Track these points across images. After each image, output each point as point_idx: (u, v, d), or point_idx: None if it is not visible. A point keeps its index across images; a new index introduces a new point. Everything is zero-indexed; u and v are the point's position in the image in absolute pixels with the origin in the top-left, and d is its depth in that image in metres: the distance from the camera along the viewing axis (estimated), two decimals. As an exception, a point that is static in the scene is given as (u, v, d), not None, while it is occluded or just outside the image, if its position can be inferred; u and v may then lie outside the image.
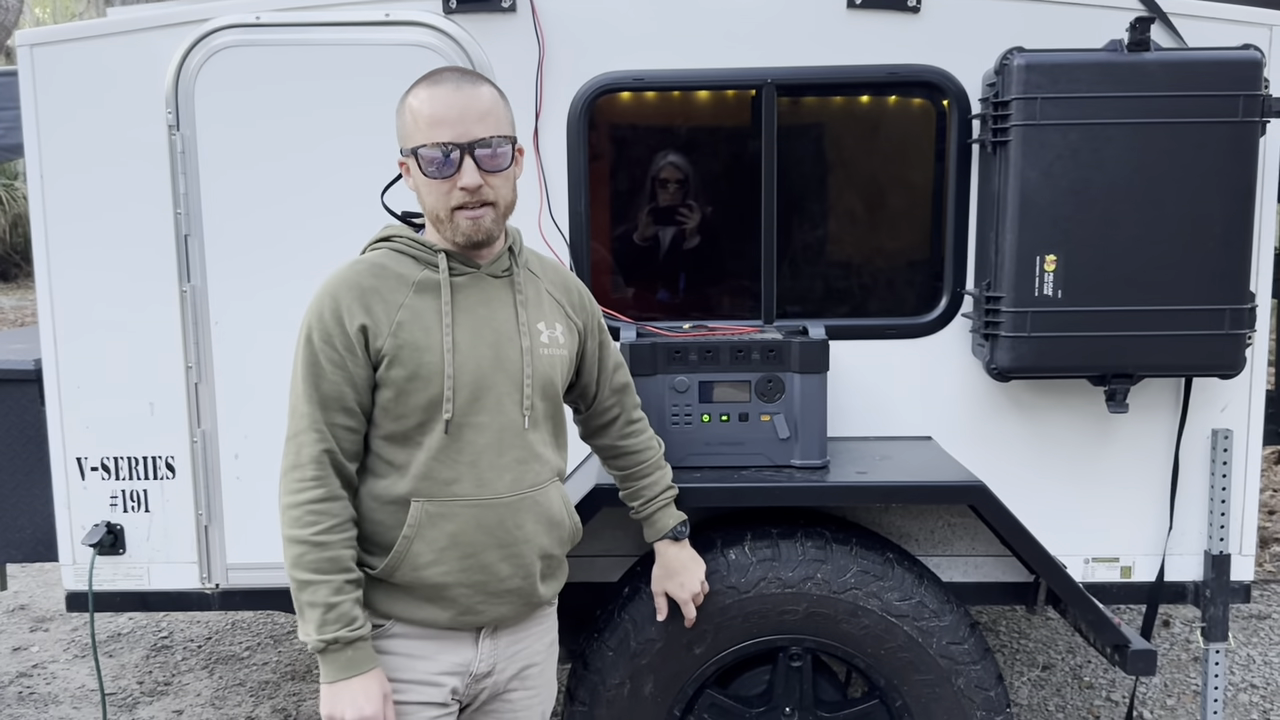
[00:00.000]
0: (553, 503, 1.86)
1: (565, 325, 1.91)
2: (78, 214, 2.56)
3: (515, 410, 1.78)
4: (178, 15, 2.51)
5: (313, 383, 1.71)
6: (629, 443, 2.10)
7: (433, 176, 1.70)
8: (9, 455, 2.79)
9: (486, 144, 1.69)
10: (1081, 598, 2.38)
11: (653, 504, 2.11)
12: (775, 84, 2.54)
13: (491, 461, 1.77)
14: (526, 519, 1.80)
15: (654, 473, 2.12)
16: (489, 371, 1.76)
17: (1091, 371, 2.47)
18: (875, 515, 2.68)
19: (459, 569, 1.76)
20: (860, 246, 2.66)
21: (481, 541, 1.76)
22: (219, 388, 2.56)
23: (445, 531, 1.75)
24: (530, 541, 1.82)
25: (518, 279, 1.84)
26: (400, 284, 1.75)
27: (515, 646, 1.89)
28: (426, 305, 1.74)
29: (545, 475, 1.85)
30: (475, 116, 1.69)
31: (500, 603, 1.82)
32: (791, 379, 2.41)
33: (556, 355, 1.86)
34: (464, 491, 1.75)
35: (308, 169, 2.51)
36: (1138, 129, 2.36)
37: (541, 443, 1.84)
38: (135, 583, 2.68)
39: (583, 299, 1.99)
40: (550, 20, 2.52)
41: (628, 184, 2.66)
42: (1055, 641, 4.20)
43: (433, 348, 1.73)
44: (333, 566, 1.68)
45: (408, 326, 1.72)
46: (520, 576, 1.82)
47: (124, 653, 4.20)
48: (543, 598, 1.90)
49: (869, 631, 2.32)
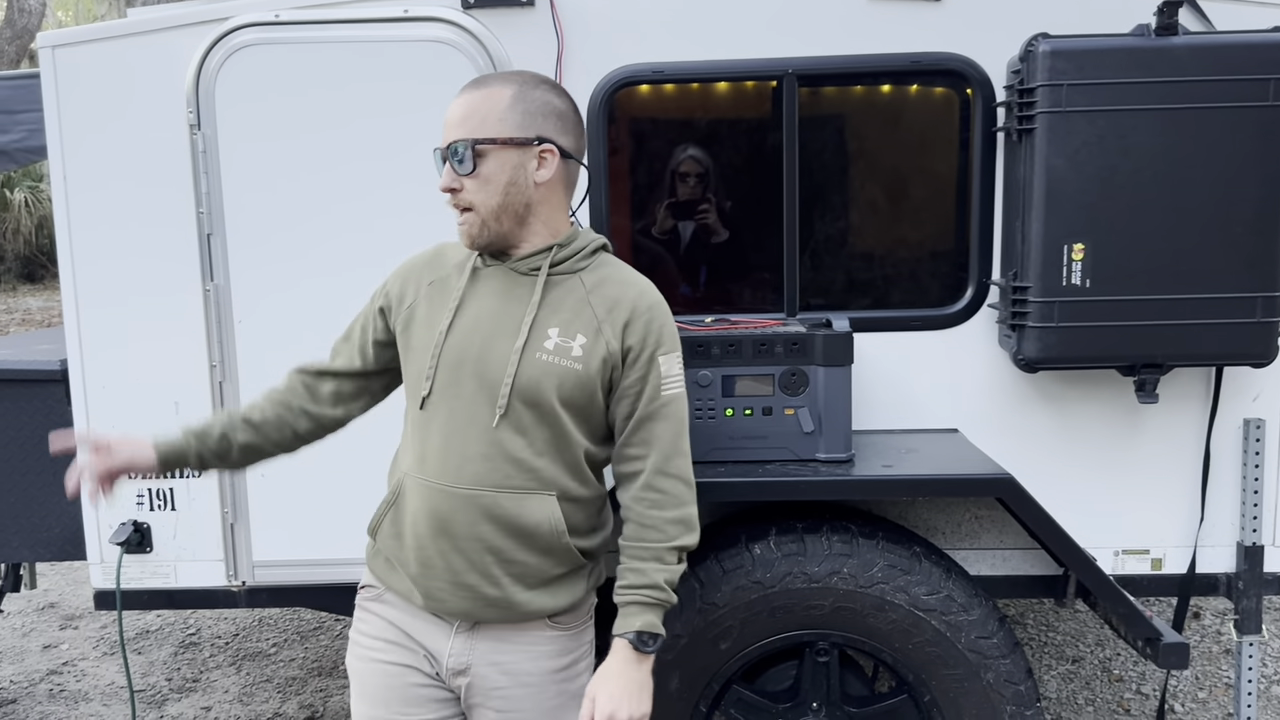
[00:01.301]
0: (526, 512, 1.75)
1: (592, 341, 1.76)
2: (101, 214, 2.57)
3: (487, 405, 1.74)
4: (198, 14, 2.51)
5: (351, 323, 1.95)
6: (639, 510, 1.78)
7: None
8: (37, 455, 2.81)
9: (453, 148, 1.74)
10: (1112, 591, 2.35)
11: (630, 594, 1.75)
12: (796, 74, 2.52)
13: (457, 450, 1.75)
14: (480, 518, 1.74)
15: (649, 561, 1.76)
16: (471, 360, 1.76)
17: (1120, 361, 2.43)
18: (901, 509, 2.66)
19: (413, 546, 1.80)
20: (883, 237, 2.63)
21: (432, 527, 1.77)
22: (243, 386, 2.56)
23: (409, 509, 1.80)
24: (485, 541, 1.74)
25: (547, 281, 1.78)
26: (444, 265, 1.87)
27: (498, 655, 1.82)
28: (451, 286, 1.83)
29: (523, 481, 1.74)
30: (456, 120, 1.75)
31: (460, 595, 1.77)
32: (815, 372, 2.39)
33: (560, 364, 1.74)
34: (428, 473, 1.78)
35: (328, 166, 2.51)
36: (1166, 115, 2.32)
37: (523, 448, 1.74)
38: (162, 581, 2.70)
39: (635, 323, 1.78)
40: (569, 14, 2.51)
41: (648, 178, 2.65)
42: (1083, 634, 4.16)
43: (434, 325, 1.80)
44: (227, 419, 1.90)
45: (427, 302, 1.83)
46: (477, 573, 1.76)
47: (152, 650, 4.24)
48: (525, 608, 1.79)
49: (896, 626, 2.30)
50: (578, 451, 1.79)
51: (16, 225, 15.16)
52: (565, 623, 1.87)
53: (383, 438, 2.46)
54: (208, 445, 1.87)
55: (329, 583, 2.64)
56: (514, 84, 1.76)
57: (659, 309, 1.82)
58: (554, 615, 1.84)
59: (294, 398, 1.91)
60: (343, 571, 2.61)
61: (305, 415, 1.91)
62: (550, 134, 1.76)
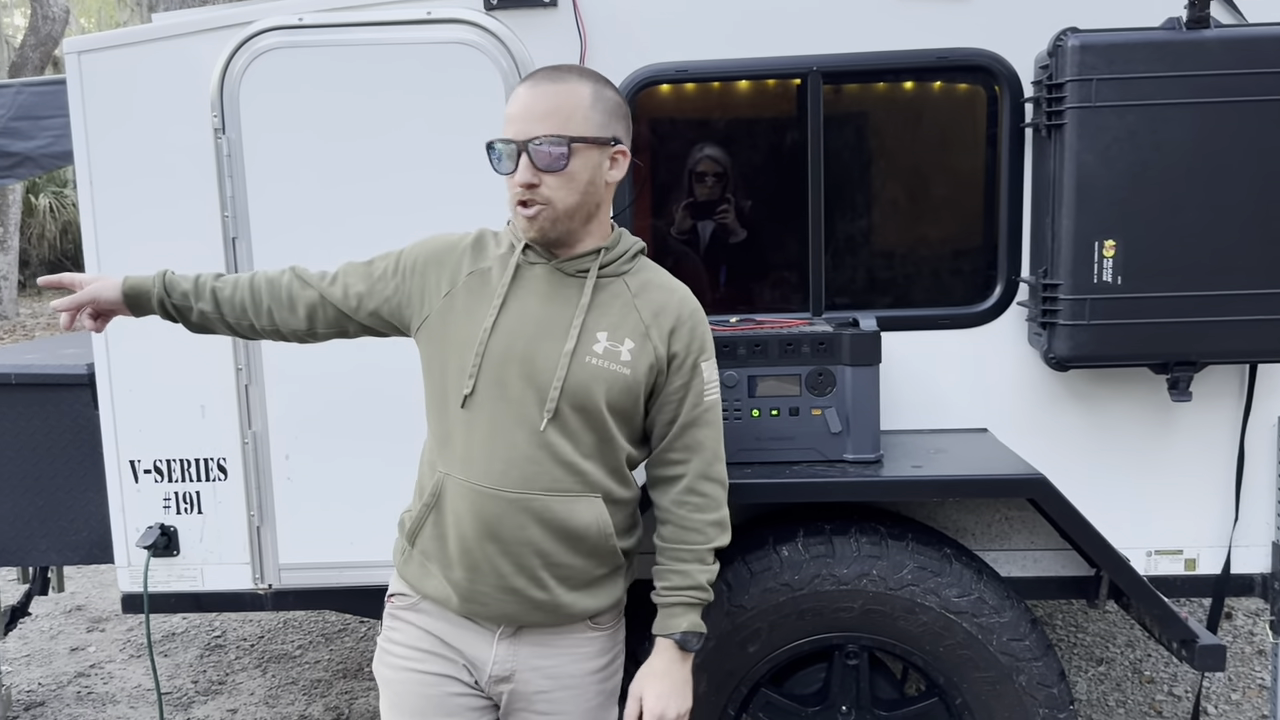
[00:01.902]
0: (575, 515, 1.75)
1: (639, 346, 1.77)
2: (127, 218, 2.58)
3: (535, 407, 1.73)
4: (221, 19, 2.52)
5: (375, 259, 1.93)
6: (681, 514, 1.83)
7: (498, 172, 1.73)
8: (64, 459, 2.83)
9: (538, 142, 1.67)
10: (1146, 592, 2.32)
11: (674, 595, 1.82)
12: (821, 72, 2.50)
13: (504, 453, 1.73)
14: (529, 521, 1.73)
15: (692, 563, 1.82)
16: (519, 360, 1.74)
17: (1153, 359, 2.40)
18: (930, 510, 2.64)
19: (458, 550, 1.77)
20: (910, 235, 2.60)
21: (479, 530, 1.74)
22: (269, 389, 2.57)
23: (452, 510, 1.77)
24: (534, 545, 1.74)
25: (595, 283, 1.77)
26: (481, 256, 1.84)
27: (542, 660, 1.82)
28: (492, 279, 1.80)
29: (570, 484, 1.75)
30: (538, 114, 1.68)
31: (507, 599, 1.77)
32: (843, 372, 2.36)
33: (609, 369, 1.74)
34: (473, 475, 1.74)
35: (353, 167, 2.51)
36: (1198, 109, 2.28)
37: (571, 451, 1.74)
38: (189, 584, 2.70)
39: (680, 330, 1.81)
40: (591, 14, 2.50)
41: (672, 177, 2.63)
42: (1113, 636, 4.12)
43: (475, 320, 1.77)
44: (199, 280, 1.96)
45: (465, 294, 1.80)
46: (525, 577, 1.75)
47: (178, 652, 4.26)
48: (570, 610, 1.80)
49: (927, 628, 2.27)
50: (620, 455, 1.81)
51: (41, 230, 15.31)
52: (604, 623, 1.89)
53: (408, 441, 2.46)
54: (171, 298, 1.96)
55: (355, 585, 2.64)
56: (590, 81, 1.73)
57: (700, 315, 1.86)
58: (595, 616, 1.86)
59: (270, 297, 1.94)
60: (368, 574, 2.61)
61: (270, 316, 1.94)
62: (621, 134, 1.77)
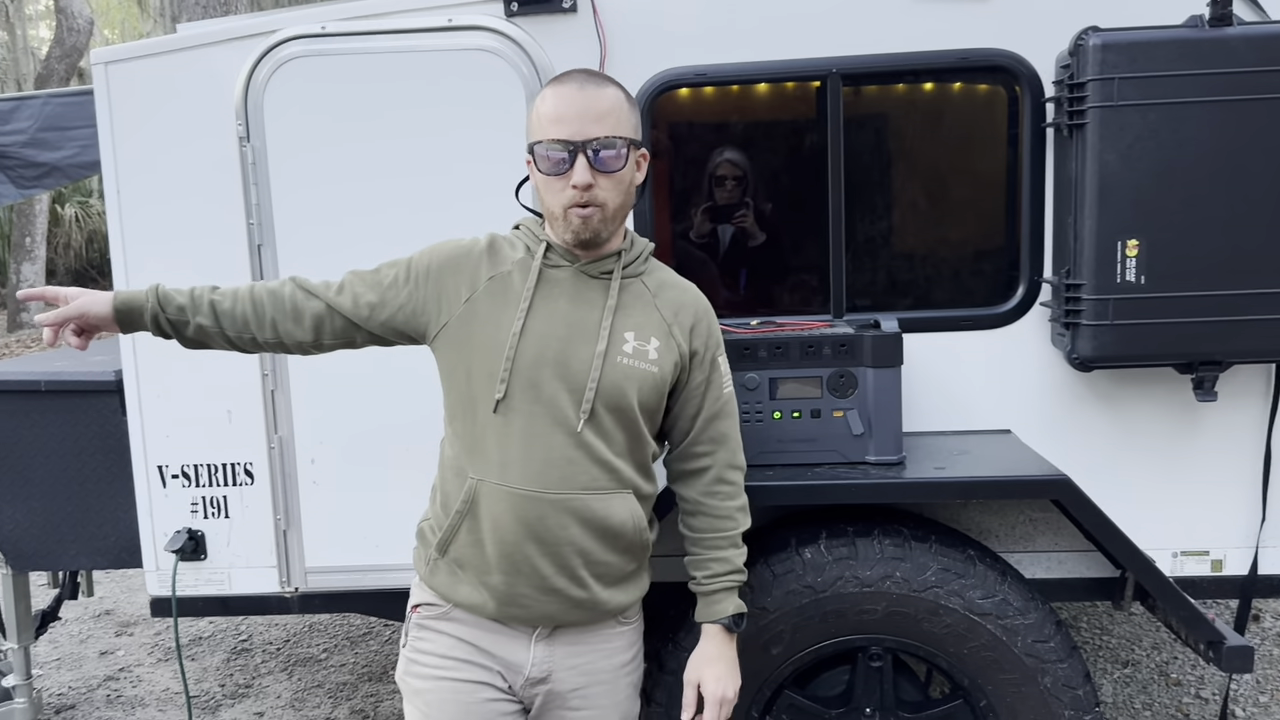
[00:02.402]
0: (612, 512, 1.79)
1: (664, 344, 1.82)
2: (154, 226, 2.61)
3: (571, 409, 1.75)
4: (245, 28, 2.55)
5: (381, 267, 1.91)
6: (713, 504, 1.91)
7: (547, 173, 1.73)
8: (93, 465, 2.86)
9: (601, 144, 1.69)
10: (1173, 594, 2.31)
11: (718, 581, 1.90)
12: (840, 74, 2.50)
13: (541, 455, 1.75)
14: (571, 521, 1.76)
15: (728, 548, 1.91)
16: (551, 363, 1.75)
17: (1177, 359, 2.38)
18: (953, 511, 2.63)
19: (498, 555, 1.77)
20: (931, 236, 2.60)
21: (520, 533, 1.75)
22: (295, 394, 2.59)
23: (490, 515, 1.77)
24: (575, 544, 1.77)
25: (619, 285, 1.81)
26: (500, 261, 1.83)
27: (577, 659, 1.85)
28: (513, 284, 1.80)
29: (606, 483, 1.78)
30: (594, 116, 1.69)
31: (547, 600, 1.79)
32: (864, 374, 2.36)
33: (639, 368, 1.79)
34: (510, 479, 1.75)
35: (377, 175, 2.53)
36: (1221, 107, 2.27)
37: (606, 450, 1.78)
38: (216, 588, 2.73)
39: (699, 326, 1.88)
40: (611, 19, 2.51)
41: (693, 181, 2.64)
42: (1139, 638, 4.09)
43: (501, 326, 1.77)
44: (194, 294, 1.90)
45: (486, 299, 1.79)
46: (565, 577, 1.78)
47: (205, 656, 4.29)
48: (606, 606, 1.84)
49: (951, 630, 2.27)
50: (648, 451, 1.87)
51: (68, 239, 15.48)
52: (630, 617, 1.94)
53: (432, 445, 2.47)
54: (165, 313, 1.87)
55: (380, 588, 2.65)
56: (617, 85, 1.77)
57: (711, 311, 1.93)
58: (624, 611, 1.90)
59: (273, 308, 1.87)
60: (393, 577, 2.63)
61: (274, 328, 1.88)
62: (640, 138, 1.80)
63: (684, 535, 1.95)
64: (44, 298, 1.89)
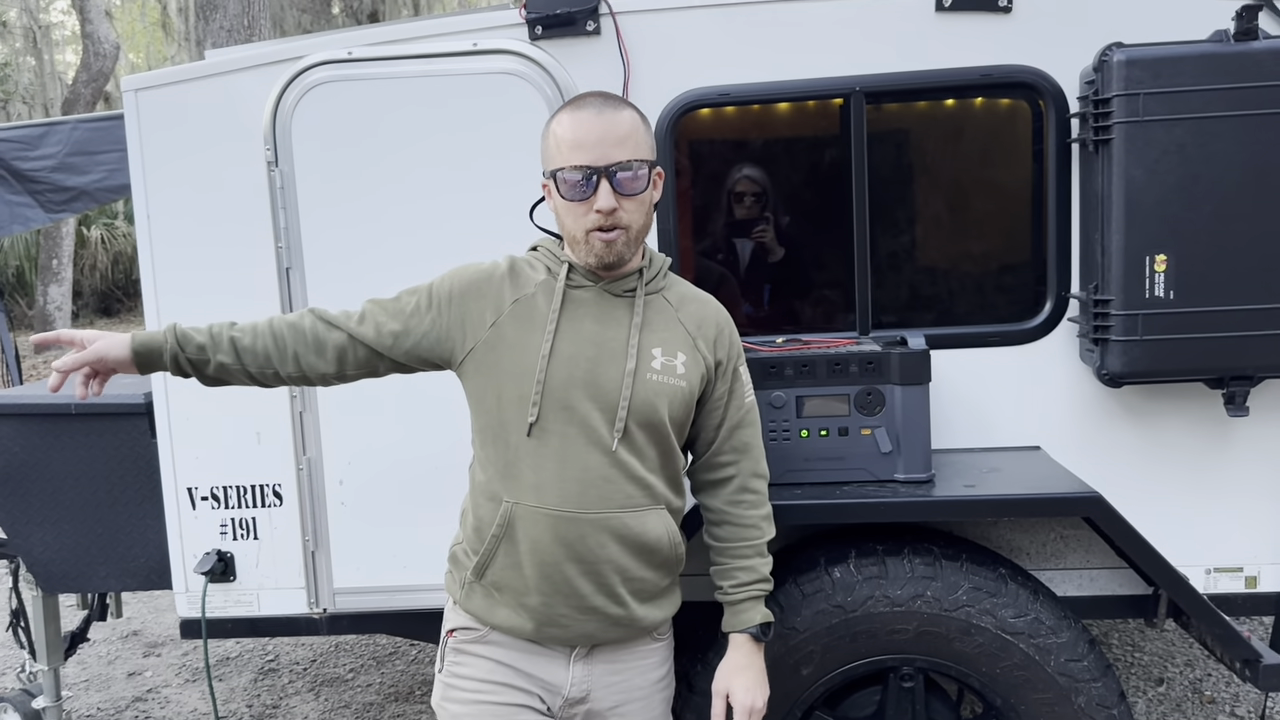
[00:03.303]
0: (648, 528, 1.81)
1: (690, 358, 1.84)
2: (184, 250, 2.64)
3: (605, 428, 1.77)
4: (273, 54, 2.58)
5: (401, 295, 1.91)
6: (738, 513, 1.93)
7: (570, 199, 1.73)
8: (123, 487, 2.89)
9: (624, 167, 1.71)
10: (1208, 611, 2.28)
11: (744, 590, 1.91)
12: (864, 92, 2.51)
13: (576, 476, 1.76)
14: (609, 539, 1.77)
15: (754, 557, 1.93)
16: (582, 384, 1.76)
17: (1208, 374, 2.37)
18: (983, 529, 2.61)
19: (537, 576, 1.77)
20: (957, 253, 2.59)
21: (559, 554, 1.76)
22: (322, 415, 2.61)
23: (527, 537, 1.77)
24: (613, 562, 1.78)
25: (643, 302, 1.82)
26: (524, 283, 1.84)
27: (614, 677, 1.86)
28: (538, 307, 1.80)
29: (641, 499, 1.80)
30: (614, 140, 1.71)
31: (586, 619, 1.80)
32: (892, 391, 2.36)
33: (669, 384, 1.80)
34: (547, 501, 1.76)
35: (403, 198, 2.55)
36: (1248, 121, 2.26)
37: (640, 467, 1.80)
38: (246, 609, 2.74)
39: (721, 338, 1.90)
40: (634, 41, 2.52)
41: (718, 200, 2.65)
42: (1172, 655, 4.04)
43: (529, 349, 1.77)
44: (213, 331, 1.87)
45: (513, 323, 1.80)
46: (604, 595, 1.79)
47: (232, 676, 4.31)
48: (643, 622, 1.85)
49: (983, 650, 2.25)
50: (679, 465, 1.89)
51: (94, 261, 15.65)
52: (664, 633, 1.96)
53: (459, 466, 2.48)
54: (185, 352, 1.85)
55: (407, 609, 2.66)
56: (633, 107, 1.80)
57: (732, 321, 1.95)
58: (658, 627, 1.91)
59: (295, 341, 1.86)
60: (421, 597, 2.63)
61: (297, 362, 1.87)
62: (656, 157, 1.83)
63: (709, 545, 1.97)
64: (59, 341, 1.86)
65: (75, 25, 16.41)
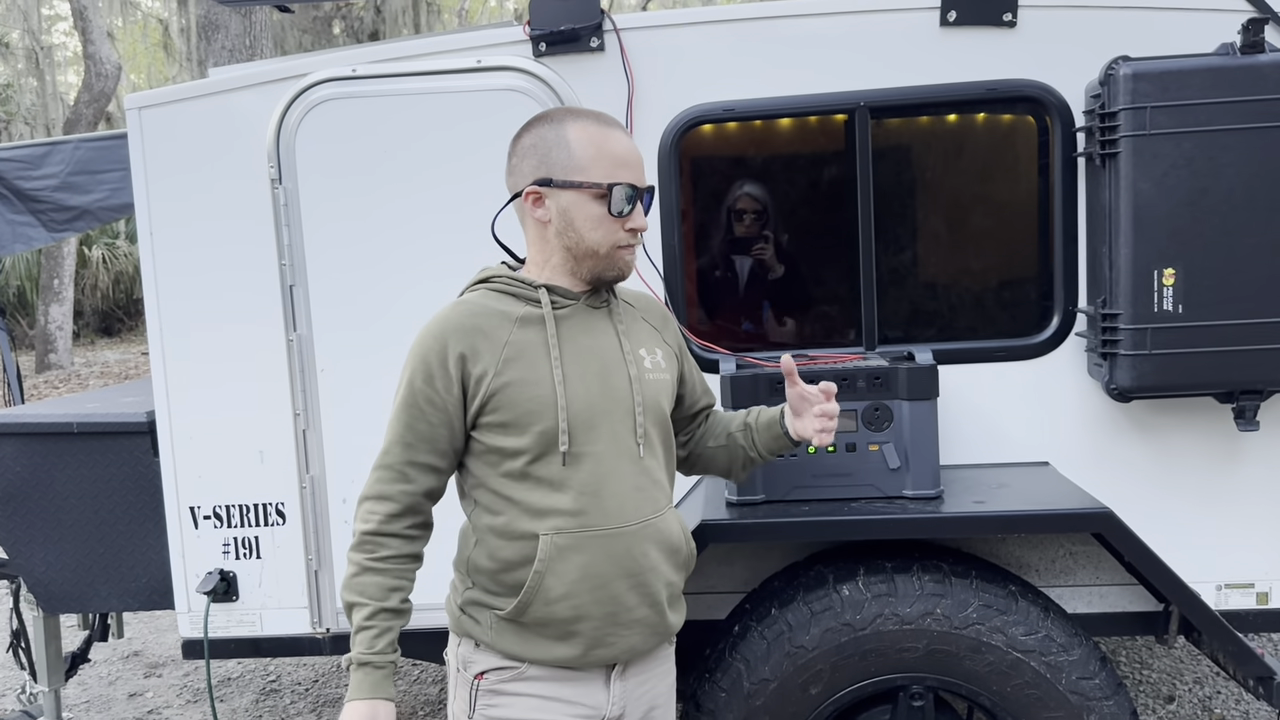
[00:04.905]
0: (672, 529, 1.85)
1: (664, 351, 1.92)
2: (187, 268, 2.63)
3: (629, 437, 1.78)
4: (276, 72, 2.58)
5: (408, 423, 1.76)
6: (728, 414, 2.06)
7: (618, 214, 1.75)
8: (124, 506, 2.87)
9: (651, 192, 1.81)
10: (1220, 628, 2.26)
11: (754, 413, 2.00)
12: (868, 107, 2.50)
13: (614, 490, 1.76)
14: (650, 547, 1.79)
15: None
16: (599, 400, 1.76)
17: (1218, 388, 2.35)
18: (992, 545, 2.59)
19: (590, 600, 1.74)
20: (963, 267, 2.58)
21: (610, 571, 1.75)
22: (326, 434, 2.59)
23: (575, 564, 1.73)
24: (655, 569, 1.80)
25: (616, 309, 1.86)
26: (503, 321, 1.77)
27: (643, 688, 1.86)
28: (531, 339, 1.76)
29: (662, 501, 1.84)
30: (641, 164, 1.80)
31: (630, 633, 1.79)
32: (900, 407, 2.34)
33: (661, 380, 1.87)
34: (592, 522, 1.74)
35: (407, 214, 2.54)
36: (1256, 134, 2.25)
37: (658, 469, 1.84)
38: (248, 629, 2.72)
39: (670, 323, 2.01)
40: (638, 57, 2.52)
41: (722, 215, 2.64)
42: (1181, 672, 4.00)
43: (541, 381, 1.74)
44: (377, 591, 1.74)
45: (515, 363, 1.74)
46: (648, 605, 1.80)
47: (234, 697, 4.27)
48: (671, 627, 1.87)
49: (994, 668, 2.23)
50: (674, 458, 1.94)
51: (95, 281, 15.66)
52: (673, 637, 1.95)
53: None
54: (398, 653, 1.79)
55: (410, 628, 2.61)
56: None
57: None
58: (676, 630, 1.91)
59: (415, 547, 1.81)
60: (424, 617, 2.59)
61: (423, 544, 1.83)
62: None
63: (717, 447, 2.02)
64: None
65: (77, 46, 16.50)
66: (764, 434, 1.96)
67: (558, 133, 1.76)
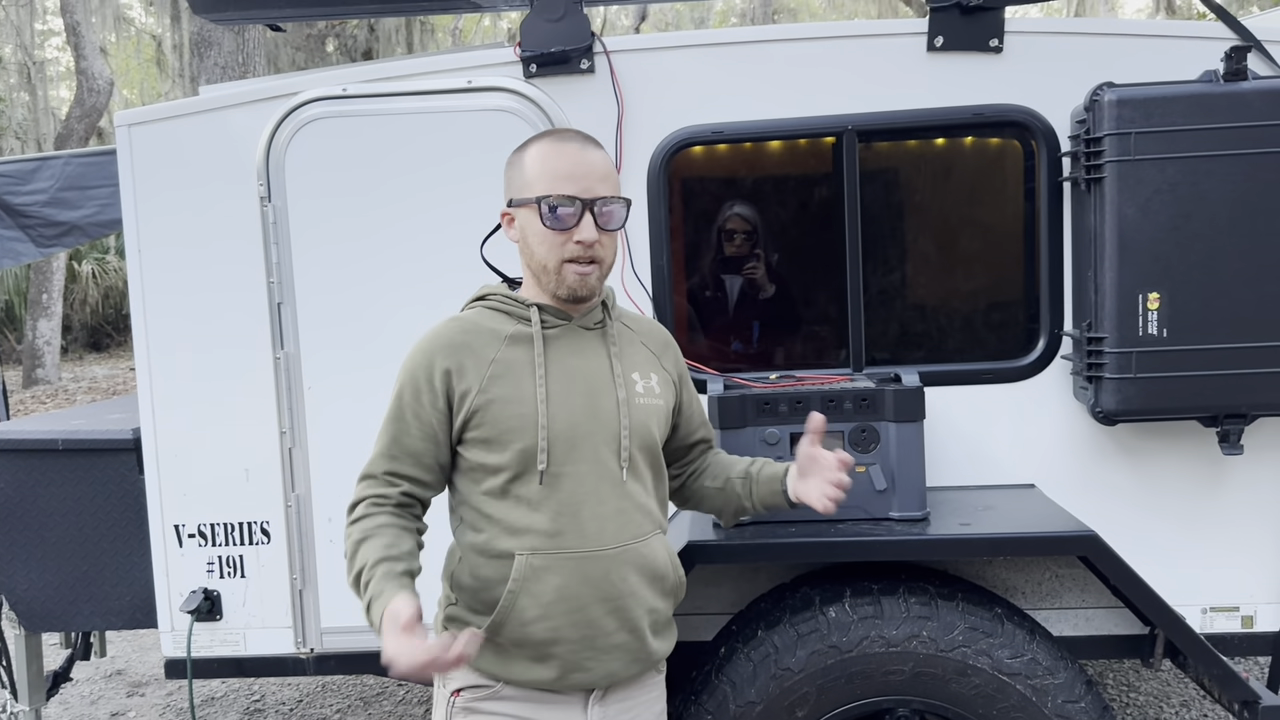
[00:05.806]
0: (656, 555, 1.82)
1: (660, 376, 1.90)
2: (175, 285, 2.63)
3: (613, 460, 1.77)
4: (267, 90, 2.58)
5: (394, 436, 1.78)
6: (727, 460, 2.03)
7: (552, 227, 1.72)
8: (108, 524, 2.85)
9: (607, 202, 1.73)
10: (1205, 651, 2.26)
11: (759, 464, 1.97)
12: (856, 130, 2.52)
13: (593, 512, 1.74)
14: (630, 571, 1.77)
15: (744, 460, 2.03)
16: (582, 421, 1.76)
17: (1202, 412, 2.36)
18: (978, 568, 2.59)
19: (566, 623, 1.73)
20: (949, 290, 2.60)
21: (586, 594, 1.73)
22: (312, 452, 2.58)
23: (550, 585, 1.72)
24: (635, 594, 1.78)
25: (611, 331, 1.84)
26: (493, 339, 1.78)
27: (625, 715, 1.84)
28: (519, 357, 1.77)
29: (648, 527, 1.81)
30: (598, 176, 1.74)
31: (608, 658, 1.77)
32: (886, 428, 2.35)
33: (653, 405, 1.84)
34: (568, 544, 1.73)
35: (396, 234, 2.54)
36: (1239, 160, 2.28)
37: (643, 494, 1.81)
38: (232, 649, 2.70)
39: (671, 350, 1.98)
40: (628, 79, 2.54)
41: (710, 236, 2.65)
42: (1167, 696, 4.00)
43: (525, 399, 1.74)
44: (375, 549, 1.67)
45: (500, 380, 1.75)
46: (626, 630, 1.78)
47: (218, 717, 4.24)
48: (654, 654, 1.84)
49: (980, 691, 2.22)
50: (666, 485, 1.92)
51: (84, 296, 15.61)
52: (662, 665, 1.93)
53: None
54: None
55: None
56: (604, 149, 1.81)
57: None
58: (663, 658, 1.90)
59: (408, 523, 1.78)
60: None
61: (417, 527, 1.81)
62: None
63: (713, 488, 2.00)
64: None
65: (69, 61, 16.50)
66: (763, 488, 1.94)
67: (520, 154, 1.79)
